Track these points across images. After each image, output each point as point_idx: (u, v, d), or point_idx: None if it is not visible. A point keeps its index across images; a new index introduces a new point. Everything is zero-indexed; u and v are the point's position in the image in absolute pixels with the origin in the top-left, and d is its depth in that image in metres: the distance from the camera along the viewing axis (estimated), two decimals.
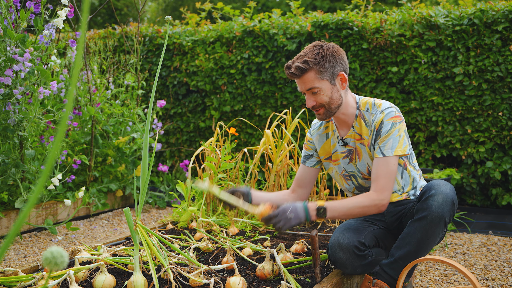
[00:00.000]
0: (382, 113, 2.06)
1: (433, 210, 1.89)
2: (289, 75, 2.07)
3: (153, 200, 4.34)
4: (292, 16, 4.79)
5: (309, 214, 1.94)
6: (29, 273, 2.18)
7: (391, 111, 2.04)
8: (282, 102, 4.74)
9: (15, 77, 3.15)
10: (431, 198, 1.91)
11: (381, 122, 2.04)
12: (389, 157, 2.00)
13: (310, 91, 2.06)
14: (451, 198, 1.90)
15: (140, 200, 2.04)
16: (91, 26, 12.99)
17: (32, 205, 0.67)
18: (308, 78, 2.04)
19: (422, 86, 4.17)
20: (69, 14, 3.36)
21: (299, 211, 1.93)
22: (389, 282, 1.99)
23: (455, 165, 4.26)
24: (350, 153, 2.18)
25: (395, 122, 2.03)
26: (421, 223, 1.92)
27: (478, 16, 3.93)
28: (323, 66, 2.03)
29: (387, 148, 2.01)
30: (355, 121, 2.14)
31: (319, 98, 2.06)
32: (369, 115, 2.10)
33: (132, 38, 5.35)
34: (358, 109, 2.14)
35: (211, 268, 2.05)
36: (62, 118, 0.68)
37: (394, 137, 2.01)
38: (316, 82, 2.04)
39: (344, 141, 2.18)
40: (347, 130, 2.18)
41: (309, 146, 2.35)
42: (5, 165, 3.26)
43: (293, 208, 1.92)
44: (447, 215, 1.90)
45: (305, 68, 2.02)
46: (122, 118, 4.37)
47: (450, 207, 1.90)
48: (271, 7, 15.15)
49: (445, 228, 1.96)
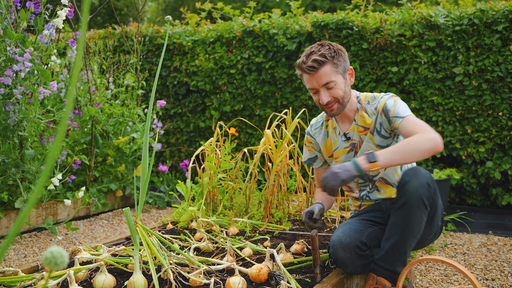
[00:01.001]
0: (383, 98, 2.14)
1: (410, 194, 1.93)
2: (307, 69, 2.07)
3: (153, 200, 4.34)
4: (292, 16, 4.79)
5: (358, 163, 1.88)
6: (29, 273, 2.18)
7: (390, 95, 2.14)
8: (282, 102, 4.74)
9: (15, 77, 3.15)
10: (407, 184, 1.95)
11: (384, 103, 2.10)
12: (409, 115, 2.03)
13: (326, 86, 2.08)
14: (425, 180, 1.94)
15: (140, 200, 2.04)
16: (91, 26, 12.99)
17: (32, 205, 0.67)
18: (325, 71, 2.06)
19: (422, 86, 4.17)
20: (69, 14, 3.36)
21: (347, 164, 1.91)
22: (386, 275, 2.02)
23: (455, 165, 4.26)
24: (354, 147, 2.22)
25: (395, 98, 2.11)
26: (402, 210, 1.95)
27: (478, 16, 3.93)
28: (338, 59, 2.08)
29: (402, 112, 2.04)
30: (356, 115, 2.18)
31: (335, 93, 2.09)
32: (371, 106, 2.16)
33: (132, 38, 5.35)
34: (359, 103, 2.19)
35: (211, 268, 2.05)
36: (62, 118, 0.68)
37: (402, 104, 2.08)
38: (332, 76, 2.07)
39: (347, 136, 2.21)
40: (349, 125, 2.21)
41: (312, 147, 2.36)
42: (5, 165, 3.26)
43: (340, 165, 1.92)
44: (425, 197, 1.93)
45: (323, 61, 2.05)
46: (122, 118, 4.37)
47: (426, 189, 1.93)
48: (271, 7, 15.15)
49: (428, 210, 1.96)
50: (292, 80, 4.70)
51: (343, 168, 1.89)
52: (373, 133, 2.15)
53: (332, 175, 1.89)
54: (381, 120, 2.12)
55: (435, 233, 2.18)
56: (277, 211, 3.19)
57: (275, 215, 3.18)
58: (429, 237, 2.14)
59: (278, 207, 3.21)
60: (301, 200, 3.34)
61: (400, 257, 2.00)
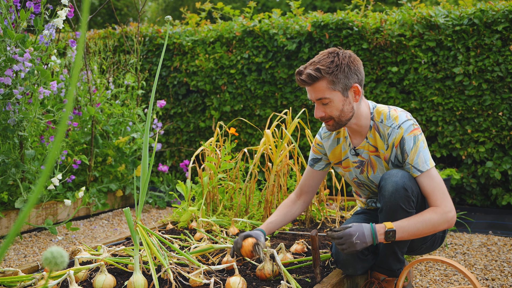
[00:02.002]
0: (400, 128, 1.95)
1: (386, 200, 1.91)
2: (300, 82, 1.96)
3: (153, 200, 4.34)
4: (292, 16, 4.79)
5: (377, 238, 1.84)
6: (29, 273, 2.18)
7: (409, 125, 1.95)
8: (282, 102, 4.74)
9: (15, 77, 3.15)
10: (383, 189, 1.93)
11: (402, 138, 1.94)
12: (428, 170, 1.91)
13: (320, 101, 1.95)
14: (401, 185, 1.88)
15: (140, 200, 2.04)
16: (91, 26, 12.99)
17: (32, 205, 0.67)
18: (320, 87, 1.92)
19: (422, 86, 4.17)
20: (69, 14, 3.36)
21: (367, 235, 1.84)
22: (383, 273, 2.07)
23: (455, 165, 4.26)
24: (362, 164, 2.10)
25: (416, 135, 1.94)
26: (381, 214, 1.96)
27: (478, 16, 3.93)
28: (337, 76, 1.91)
29: (422, 163, 1.91)
30: (369, 132, 2.04)
31: (329, 110, 1.96)
32: (384, 127, 2.00)
33: (132, 38, 5.35)
34: (372, 119, 2.03)
35: (211, 268, 2.05)
36: (62, 118, 0.68)
37: (422, 150, 1.93)
38: (327, 93, 1.92)
39: (356, 151, 2.09)
40: (360, 140, 2.08)
41: (318, 149, 2.25)
42: (5, 165, 3.26)
43: (360, 233, 1.84)
44: (401, 201, 1.88)
45: (317, 76, 1.91)
46: (122, 118, 4.37)
47: (402, 194, 1.88)
48: (271, 7, 15.15)
49: (410, 211, 1.90)
50: (292, 80, 4.69)
51: (362, 239, 1.84)
52: (388, 163, 2.04)
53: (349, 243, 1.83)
54: (396, 154, 1.99)
55: (433, 242, 2.11)
56: None
57: None
58: (425, 245, 2.09)
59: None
60: None
61: (392, 255, 2.01)
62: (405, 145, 1.94)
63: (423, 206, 1.97)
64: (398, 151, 1.97)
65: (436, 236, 2.11)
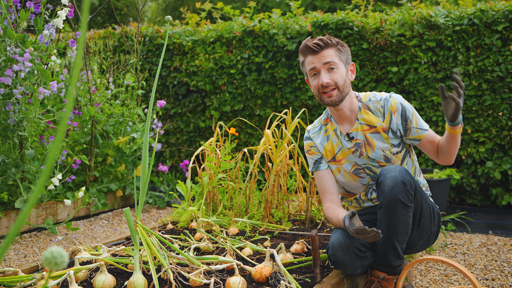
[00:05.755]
0: (392, 97, 2.14)
1: (386, 195, 1.93)
2: (312, 46, 2.07)
3: (153, 200, 4.34)
4: (292, 16, 4.79)
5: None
6: (29, 273, 2.18)
7: (398, 95, 2.15)
8: (282, 102, 4.74)
9: (15, 77, 3.15)
10: (382, 184, 1.95)
11: (400, 104, 2.11)
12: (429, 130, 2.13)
13: (328, 66, 2.07)
14: (400, 179, 1.92)
15: (140, 200, 2.04)
16: (91, 26, 12.99)
17: (32, 205, 0.67)
18: (329, 53, 2.08)
19: (422, 86, 4.17)
20: (69, 14, 3.36)
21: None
22: (383, 270, 2.07)
23: (455, 165, 4.25)
24: (359, 147, 2.15)
25: (407, 102, 2.15)
26: (381, 210, 1.97)
27: (478, 16, 3.93)
28: (341, 49, 2.11)
29: (423, 123, 2.12)
30: (359, 114, 2.15)
31: (335, 77, 2.07)
32: (374, 103, 2.15)
33: (132, 38, 5.35)
34: (360, 101, 2.18)
35: (211, 268, 2.05)
36: (62, 118, 0.68)
37: (419, 116, 2.14)
38: (335, 58, 2.08)
39: (350, 136, 2.16)
40: (350, 125, 2.18)
41: (314, 150, 2.26)
42: (5, 165, 3.26)
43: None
44: (401, 195, 1.91)
45: (328, 43, 2.07)
46: (122, 118, 4.37)
47: (401, 188, 1.91)
48: (271, 7, 15.15)
49: (409, 206, 1.93)
50: (292, 80, 4.70)
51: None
52: (388, 132, 2.11)
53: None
54: (396, 121, 2.10)
55: (428, 238, 2.14)
56: (277, 211, 3.19)
57: (275, 215, 3.18)
58: (421, 241, 2.12)
59: (278, 207, 3.21)
60: (301, 200, 3.33)
61: (392, 251, 2.01)
62: (406, 112, 2.10)
63: (419, 200, 2.00)
64: (398, 117, 2.11)
65: (431, 232, 2.14)
